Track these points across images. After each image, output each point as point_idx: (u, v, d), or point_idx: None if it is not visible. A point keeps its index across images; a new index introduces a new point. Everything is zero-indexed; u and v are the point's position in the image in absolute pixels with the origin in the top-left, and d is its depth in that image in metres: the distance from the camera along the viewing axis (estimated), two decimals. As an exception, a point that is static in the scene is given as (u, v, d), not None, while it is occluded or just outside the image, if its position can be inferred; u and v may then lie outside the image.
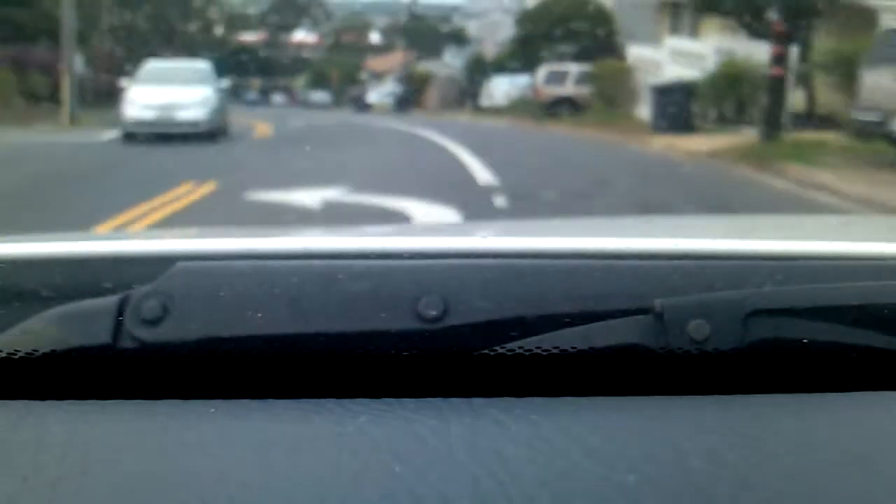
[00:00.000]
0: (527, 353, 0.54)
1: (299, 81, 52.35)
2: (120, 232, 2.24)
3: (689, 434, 0.48)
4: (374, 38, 54.91)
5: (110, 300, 0.55)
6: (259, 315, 0.54)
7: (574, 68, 22.66)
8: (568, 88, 22.27)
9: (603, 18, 25.48)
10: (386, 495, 0.42)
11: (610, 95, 19.84)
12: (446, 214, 6.10)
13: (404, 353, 0.55)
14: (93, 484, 0.43)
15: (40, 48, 26.67)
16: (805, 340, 0.54)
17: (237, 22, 55.17)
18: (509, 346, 0.54)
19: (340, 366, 0.55)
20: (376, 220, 5.84)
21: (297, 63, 54.32)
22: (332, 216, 6.07)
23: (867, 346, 0.55)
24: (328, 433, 0.48)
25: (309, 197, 6.74)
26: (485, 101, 28.19)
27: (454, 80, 35.87)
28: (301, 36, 56.78)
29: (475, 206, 6.51)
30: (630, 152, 12.55)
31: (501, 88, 26.67)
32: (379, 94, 38.59)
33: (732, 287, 0.56)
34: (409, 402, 0.51)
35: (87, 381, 0.54)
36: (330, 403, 0.51)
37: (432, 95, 36.55)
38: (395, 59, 45.18)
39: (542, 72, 22.88)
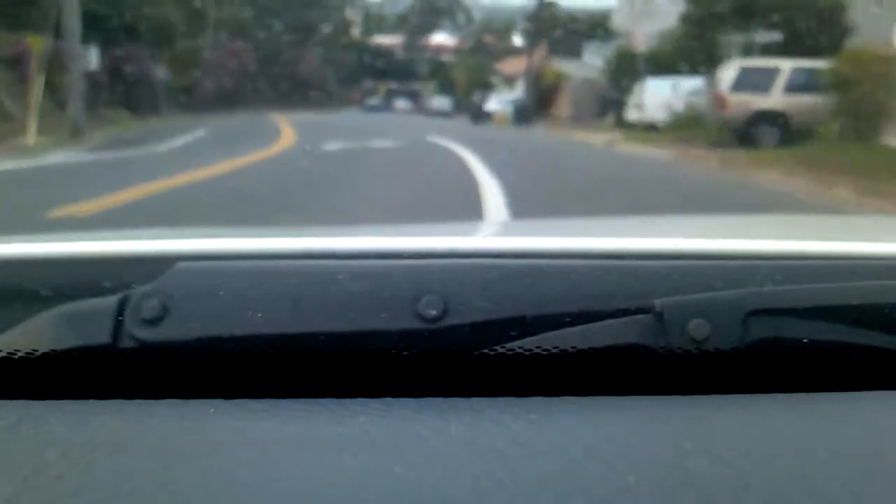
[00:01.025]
0: (527, 353, 0.54)
1: (431, 86, 48.30)
2: (120, 232, 1.60)
3: (689, 434, 0.48)
4: (517, 40, 49.23)
5: (110, 300, 0.55)
6: (259, 315, 0.54)
7: (786, 65, 13.70)
8: (775, 98, 13.43)
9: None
10: (386, 495, 0.42)
11: (866, 114, 10.82)
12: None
13: (404, 353, 0.55)
14: (93, 484, 0.43)
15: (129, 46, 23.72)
16: (805, 340, 0.55)
17: (374, 23, 52.75)
18: (509, 345, 0.55)
19: (340, 365, 0.55)
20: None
21: (433, 66, 50.98)
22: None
23: (867, 346, 0.55)
24: (328, 433, 0.48)
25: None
26: (633, 114, 19.58)
27: (593, 83, 27.05)
28: (440, 39, 53.75)
29: None
30: None
31: (659, 96, 17.91)
32: (501, 101, 31.32)
33: (732, 287, 0.56)
34: (410, 402, 0.51)
35: (87, 381, 0.54)
36: (330, 403, 0.51)
37: (563, 103, 28.60)
38: (528, 61, 37.98)
39: (732, 71, 14.11)
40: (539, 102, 28.84)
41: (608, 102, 23.86)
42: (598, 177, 9.57)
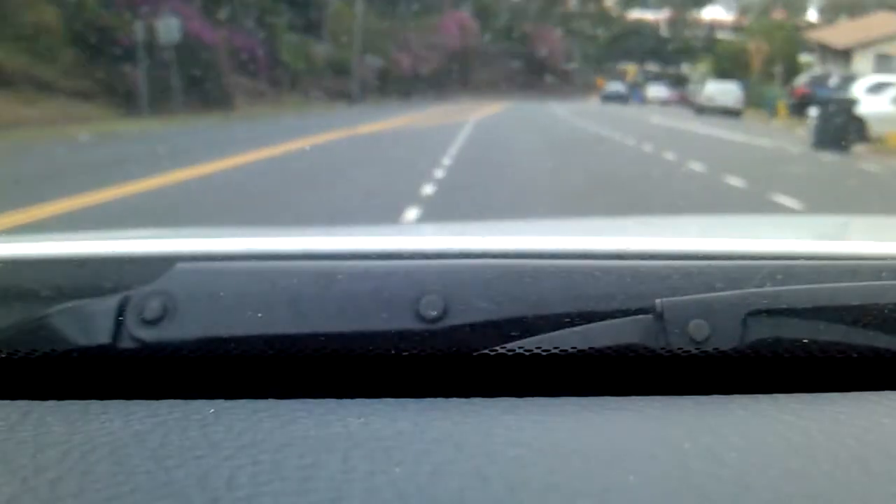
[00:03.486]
0: (527, 354, 0.55)
1: (703, 66, 38.12)
2: (120, 232, 1.62)
3: (689, 434, 0.48)
4: (812, 15, 38.68)
5: (110, 300, 0.55)
6: (259, 315, 0.55)
7: None
8: None
9: None
10: (386, 495, 0.42)
11: None
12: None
13: (404, 353, 0.55)
14: (93, 484, 0.43)
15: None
16: (805, 340, 0.55)
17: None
18: (509, 346, 0.55)
19: (341, 366, 0.56)
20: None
21: (704, 44, 42.33)
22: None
23: (867, 346, 0.56)
24: (328, 433, 0.48)
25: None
26: None
27: None
28: (714, 13, 45.23)
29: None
30: None
31: None
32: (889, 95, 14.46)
33: (732, 287, 0.56)
34: (410, 403, 0.51)
35: (87, 381, 0.55)
36: (330, 404, 0.51)
37: None
38: (880, 23, 23.12)
39: None
40: None
41: None
42: None
